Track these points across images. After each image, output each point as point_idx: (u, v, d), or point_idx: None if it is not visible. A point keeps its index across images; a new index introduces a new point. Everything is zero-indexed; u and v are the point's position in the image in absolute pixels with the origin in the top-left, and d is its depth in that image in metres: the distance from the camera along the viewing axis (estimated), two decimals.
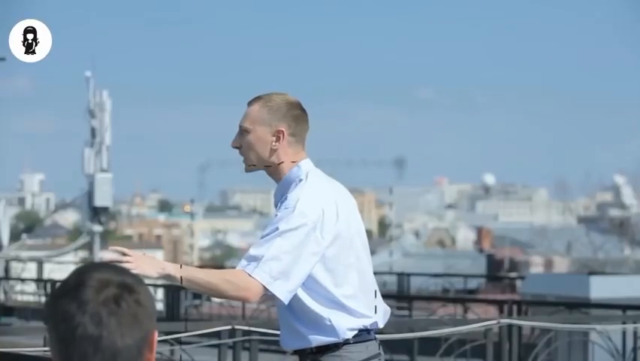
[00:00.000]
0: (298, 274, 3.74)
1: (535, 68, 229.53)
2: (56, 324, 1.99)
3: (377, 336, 3.96)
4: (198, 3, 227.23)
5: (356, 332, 3.86)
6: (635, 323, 9.81)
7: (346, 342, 3.84)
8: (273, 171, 3.91)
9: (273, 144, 3.88)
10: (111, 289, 1.98)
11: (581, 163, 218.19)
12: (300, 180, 3.84)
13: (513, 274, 33.35)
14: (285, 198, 3.82)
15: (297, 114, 3.92)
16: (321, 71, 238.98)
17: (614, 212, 55.67)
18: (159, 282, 25.73)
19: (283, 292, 3.73)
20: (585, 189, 57.08)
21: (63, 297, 2.00)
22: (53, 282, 17.55)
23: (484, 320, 8.70)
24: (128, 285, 2.00)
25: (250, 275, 3.71)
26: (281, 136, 3.88)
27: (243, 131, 3.91)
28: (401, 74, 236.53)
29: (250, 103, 3.93)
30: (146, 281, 2.13)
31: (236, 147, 3.94)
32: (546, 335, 10.25)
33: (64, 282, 2.03)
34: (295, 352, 3.92)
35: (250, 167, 3.94)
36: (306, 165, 3.91)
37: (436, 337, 9.00)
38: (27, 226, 63.55)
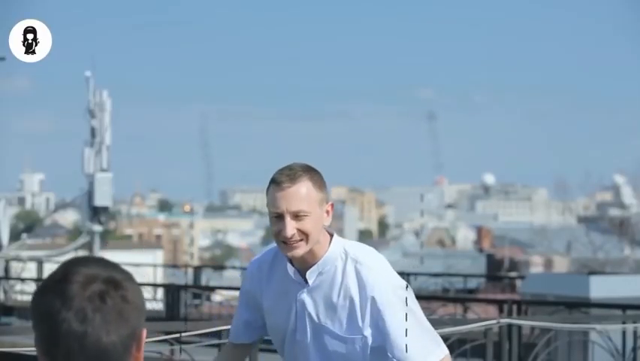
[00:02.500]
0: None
1: (535, 68, 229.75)
2: (41, 320, 1.95)
3: None
4: (198, 3, 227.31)
5: None
6: (635, 322, 9.81)
7: None
8: (313, 249, 3.55)
9: (326, 220, 3.55)
10: (97, 284, 1.94)
11: (581, 163, 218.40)
12: (347, 255, 3.55)
13: (513, 274, 33.34)
14: (367, 281, 3.52)
15: None
16: (321, 72, 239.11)
17: (614, 212, 55.63)
18: (159, 281, 25.71)
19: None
20: (585, 189, 57.11)
21: (48, 293, 1.95)
22: None
23: (484, 319, 8.69)
24: (114, 280, 1.96)
25: (446, 355, 3.61)
26: (330, 210, 3.56)
27: (300, 216, 3.47)
28: (401, 75, 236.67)
29: (294, 180, 3.48)
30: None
31: (292, 235, 3.48)
32: (546, 334, 10.25)
33: (50, 276, 1.98)
34: None
35: (302, 252, 3.51)
36: (336, 236, 3.61)
37: None
38: (27, 225, 63.50)
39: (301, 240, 3.48)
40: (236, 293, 22.61)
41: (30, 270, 24.78)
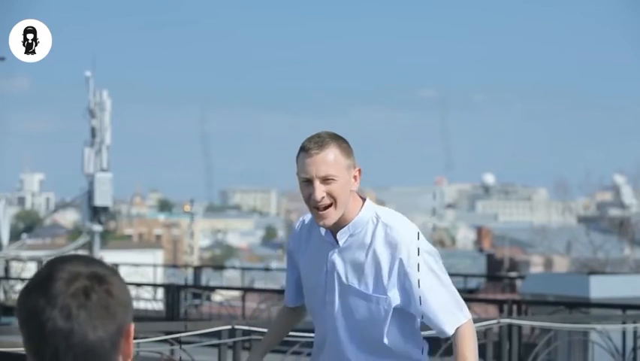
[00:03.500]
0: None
1: (535, 68, 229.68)
2: (26, 320, 1.93)
3: None
4: (199, 3, 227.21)
5: None
6: (635, 322, 9.81)
7: None
8: (345, 212, 3.68)
9: (354, 185, 3.69)
10: (81, 280, 1.92)
11: (581, 163, 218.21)
12: (378, 219, 3.66)
13: (513, 274, 33.33)
14: (394, 243, 3.62)
15: None
16: (321, 72, 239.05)
17: (614, 212, 55.54)
18: (159, 281, 25.69)
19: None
20: (585, 189, 56.90)
21: (33, 291, 1.93)
22: None
23: (484, 319, 8.68)
24: (98, 276, 1.93)
25: (463, 325, 3.76)
26: (357, 175, 3.71)
27: (328, 180, 3.61)
28: (402, 75, 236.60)
29: (322, 147, 3.63)
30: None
31: (321, 198, 3.61)
32: (546, 334, 10.24)
33: (36, 275, 1.96)
34: None
35: (334, 218, 3.64)
36: (370, 202, 3.75)
37: (436, 336, 8.98)
38: (27, 225, 63.52)
39: (330, 204, 3.62)
40: (237, 293, 22.64)
41: (30, 270, 24.76)
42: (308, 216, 3.86)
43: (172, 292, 16.95)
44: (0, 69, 23.16)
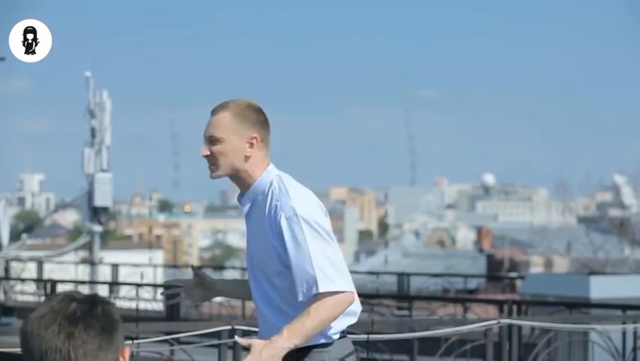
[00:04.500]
0: (344, 265, 3.81)
1: (535, 68, 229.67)
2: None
3: (377, 336, 3.97)
4: (200, 4, 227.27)
5: (343, 330, 3.89)
6: (635, 323, 9.80)
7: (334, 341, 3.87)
8: (244, 177, 3.92)
9: (248, 150, 3.89)
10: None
11: (581, 163, 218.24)
12: (272, 184, 3.87)
13: (513, 274, 33.30)
14: (275, 207, 3.80)
15: (264, 120, 3.95)
16: (321, 72, 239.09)
17: (614, 212, 55.48)
18: (159, 281, 25.75)
19: (351, 286, 3.79)
20: (585, 189, 56.78)
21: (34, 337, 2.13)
22: (53, 282, 17.54)
23: (484, 319, 8.68)
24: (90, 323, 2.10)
25: (333, 291, 3.72)
26: (254, 142, 3.90)
27: (213, 141, 3.89)
28: (401, 75, 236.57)
29: (217, 111, 3.91)
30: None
31: (206, 156, 3.91)
32: (546, 335, 10.24)
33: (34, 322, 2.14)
34: None
35: (218, 174, 3.93)
36: (273, 169, 3.94)
37: (436, 337, 8.99)
38: (27, 225, 63.49)
39: (214, 163, 3.90)
40: None
41: (30, 270, 24.76)
42: None
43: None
44: (0, 69, 23.19)
